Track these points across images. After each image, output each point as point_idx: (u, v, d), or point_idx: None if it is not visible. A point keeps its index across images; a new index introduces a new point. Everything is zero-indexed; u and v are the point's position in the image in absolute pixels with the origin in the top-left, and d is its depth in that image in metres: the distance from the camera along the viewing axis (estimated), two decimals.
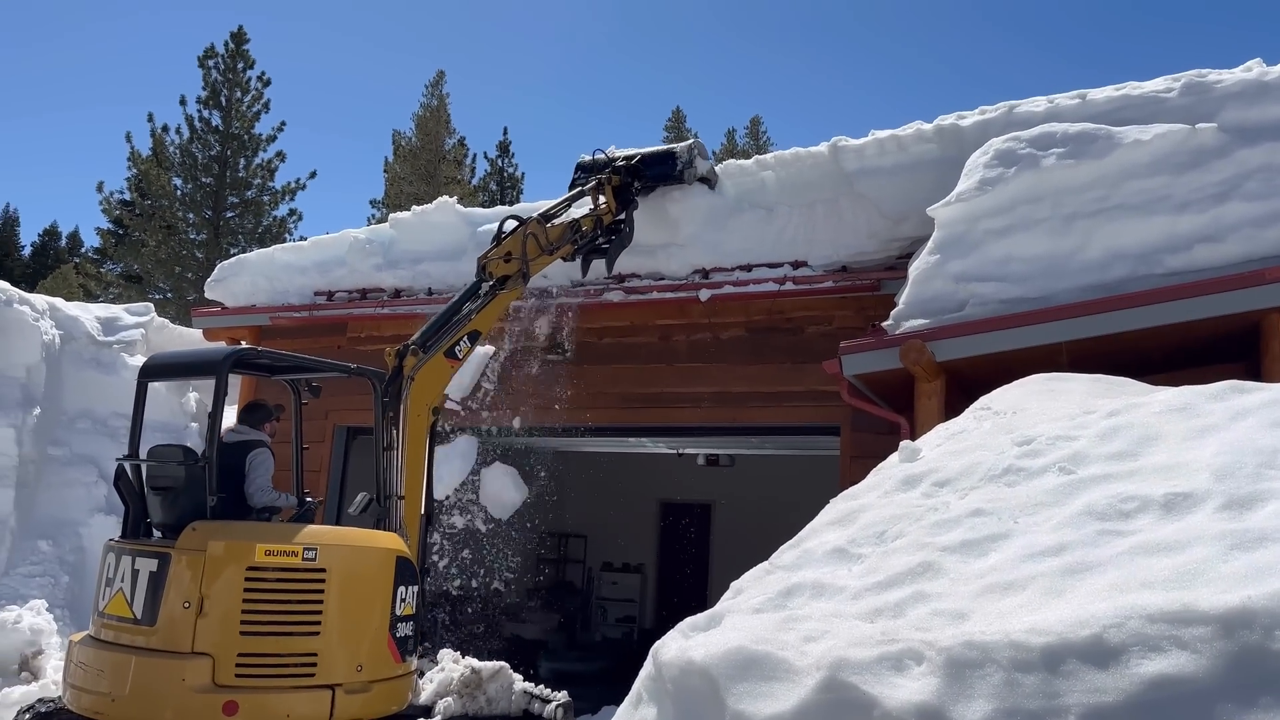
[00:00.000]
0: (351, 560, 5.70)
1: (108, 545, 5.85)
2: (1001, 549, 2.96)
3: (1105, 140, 6.64)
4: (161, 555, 5.39)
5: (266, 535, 5.51)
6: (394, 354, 6.53)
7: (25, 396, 10.48)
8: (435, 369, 6.69)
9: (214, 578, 5.25)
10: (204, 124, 29.07)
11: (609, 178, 8.80)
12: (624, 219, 8.81)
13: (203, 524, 5.47)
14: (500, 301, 7.46)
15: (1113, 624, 2.31)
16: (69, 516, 10.39)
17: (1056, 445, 3.54)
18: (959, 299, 6.55)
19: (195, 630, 5.17)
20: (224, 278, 11.25)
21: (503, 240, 7.64)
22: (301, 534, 5.62)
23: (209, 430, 5.77)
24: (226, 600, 5.23)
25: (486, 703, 6.54)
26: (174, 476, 5.91)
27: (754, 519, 12.36)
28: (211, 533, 5.39)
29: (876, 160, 8.26)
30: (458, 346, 6.88)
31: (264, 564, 5.34)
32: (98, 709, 5.29)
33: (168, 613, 5.25)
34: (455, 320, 6.99)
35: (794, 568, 3.35)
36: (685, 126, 44.61)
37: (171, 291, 28.36)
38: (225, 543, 5.33)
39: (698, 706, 2.75)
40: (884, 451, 4.73)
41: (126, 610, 5.41)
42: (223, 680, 5.13)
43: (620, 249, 8.80)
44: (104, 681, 5.27)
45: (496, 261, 7.46)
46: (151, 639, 5.26)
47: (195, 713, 5.07)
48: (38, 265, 46.05)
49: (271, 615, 5.32)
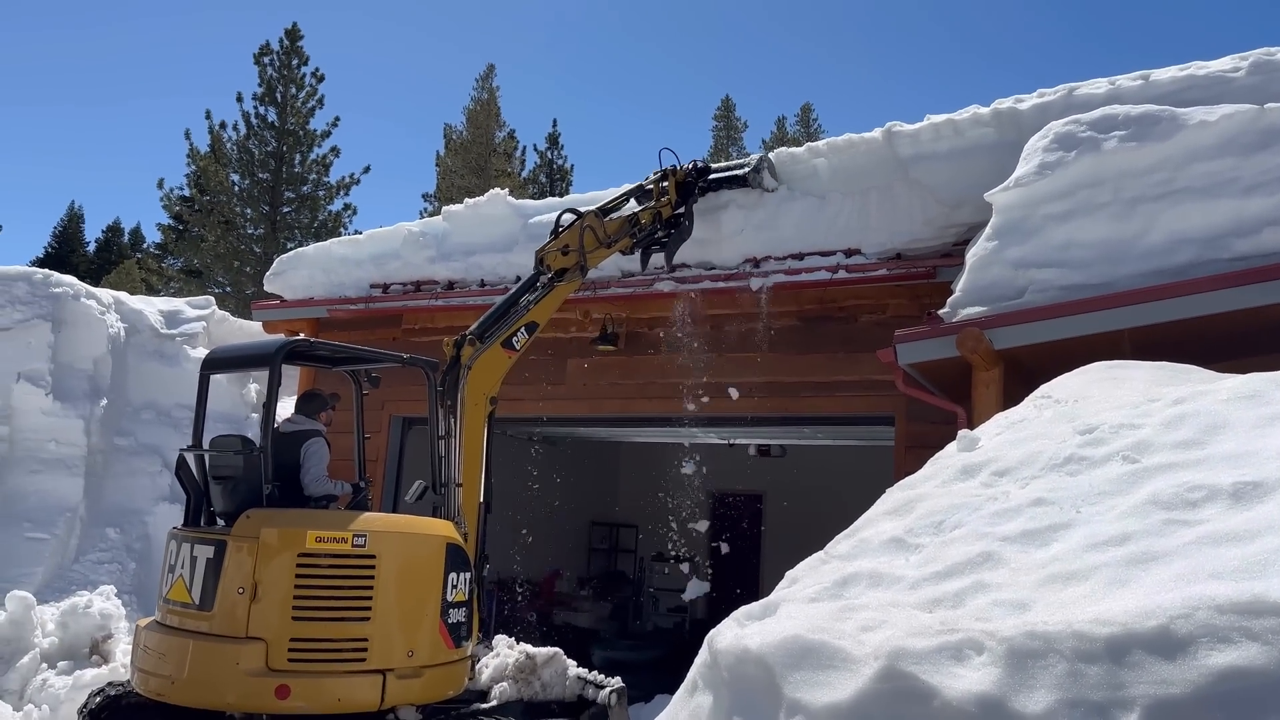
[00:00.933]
0: (402, 547, 5.78)
1: (171, 533, 6.02)
2: (1064, 539, 2.91)
3: (1169, 122, 6.47)
4: (218, 542, 5.53)
5: (317, 522, 5.60)
6: (452, 344, 6.61)
7: (93, 388, 10.78)
8: (493, 359, 6.77)
9: (266, 564, 5.37)
10: (260, 120, 29.61)
11: (674, 169, 8.84)
12: (683, 212, 8.81)
13: (256, 511, 5.59)
14: (558, 294, 7.51)
15: (1180, 615, 2.27)
16: (135, 505, 10.68)
17: (1120, 434, 3.47)
18: (1018, 286, 6.43)
19: (249, 615, 5.30)
20: (282, 271, 11.45)
21: (560, 233, 7.70)
22: (352, 521, 5.71)
23: (263, 420, 5.90)
24: (279, 586, 5.35)
25: (541, 688, 6.60)
26: (233, 466, 6.04)
27: (806, 509, 12.31)
28: (264, 520, 5.51)
29: (932, 145, 8.13)
30: (515, 338, 6.95)
31: (314, 550, 5.44)
32: (160, 691, 5.45)
33: (223, 598, 5.38)
34: (513, 312, 7.07)
35: (850, 557, 3.33)
36: (735, 115, 44.42)
37: (230, 285, 28.97)
38: (277, 530, 5.45)
39: (754, 695, 2.76)
40: (939, 441, 4.68)
41: (186, 596, 5.57)
42: (275, 664, 5.24)
43: (680, 242, 8.81)
44: (166, 664, 5.42)
45: (554, 254, 7.52)
46: (209, 624, 5.40)
47: (249, 696, 5.19)
48: (102, 260, 47.32)
49: (323, 601, 5.42)
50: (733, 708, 2.81)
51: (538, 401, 9.89)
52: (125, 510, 10.58)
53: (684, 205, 8.82)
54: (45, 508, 9.98)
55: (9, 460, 10.15)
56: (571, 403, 10.02)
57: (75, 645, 8.53)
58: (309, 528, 5.49)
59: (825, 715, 2.47)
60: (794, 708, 2.55)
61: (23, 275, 11.07)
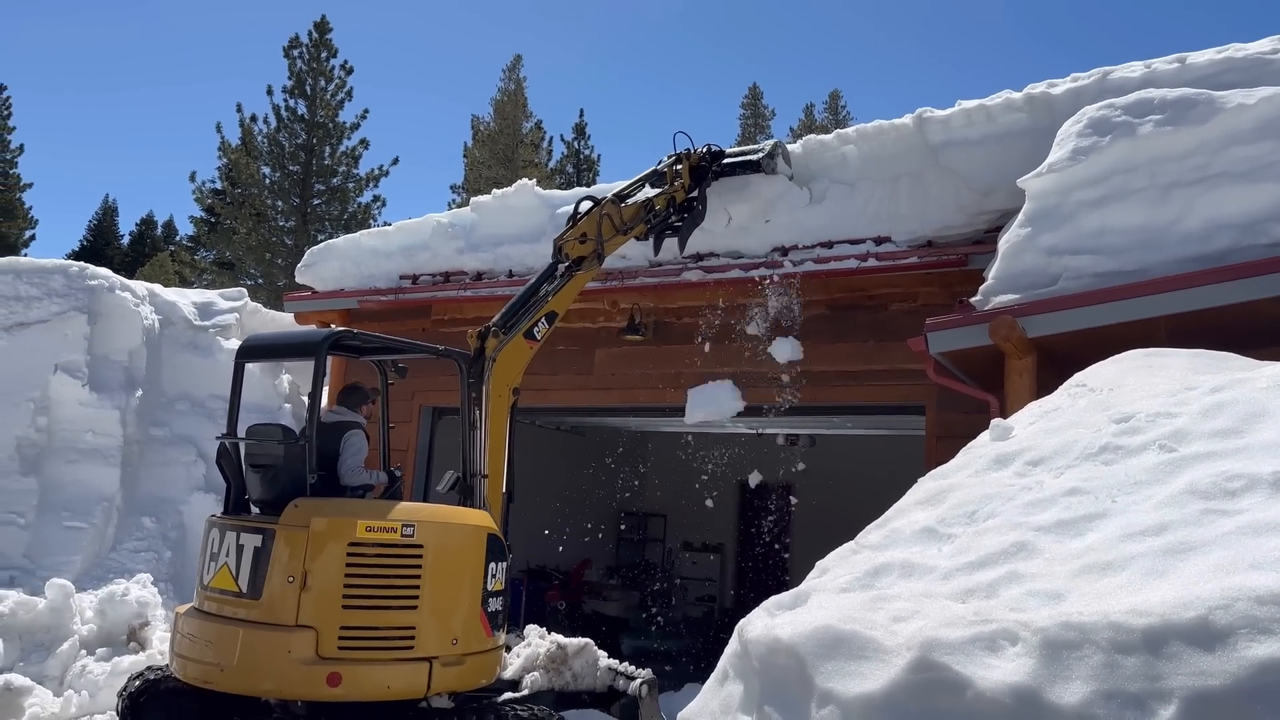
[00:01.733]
0: (446, 537, 5.84)
1: (210, 521, 6.05)
2: (1099, 528, 2.88)
3: (1206, 105, 6.35)
4: (265, 531, 5.56)
5: (367, 512, 5.65)
6: (476, 336, 6.63)
7: (128, 379, 10.92)
8: (516, 350, 6.79)
9: (317, 553, 5.40)
10: (290, 113, 29.86)
11: (687, 153, 8.82)
12: (697, 196, 8.80)
13: (305, 501, 5.62)
14: (577, 282, 7.53)
15: (1220, 605, 2.23)
16: (170, 494, 10.82)
17: (1156, 422, 3.42)
18: (1051, 273, 6.35)
19: (299, 603, 5.33)
20: (313, 263, 11.54)
21: (578, 221, 7.71)
22: (400, 511, 5.77)
23: (309, 410, 5.91)
24: (329, 575, 5.38)
25: (572, 678, 6.63)
26: (273, 455, 6.08)
27: (835, 499, 12.25)
28: (314, 509, 5.54)
29: (963, 131, 8.04)
30: (536, 328, 6.97)
31: (364, 540, 5.49)
32: (206, 678, 5.49)
33: (272, 586, 5.42)
34: (534, 302, 7.07)
35: (881, 547, 3.31)
36: (762, 103, 44.20)
37: (262, 277, 29.26)
38: (328, 519, 5.49)
39: (785, 685, 2.75)
40: (971, 431, 4.63)
41: (232, 584, 5.60)
42: (325, 652, 5.28)
43: (693, 226, 8.80)
44: (212, 652, 5.46)
45: (572, 243, 7.55)
46: (256, 612, 5.43)
47: (300, 683, 5.25)
48: (135, 253, 47.93)
49: (372, 589, 5.48)
50: (764, 697, 2.80)
51: (566, 392, 9.91)
52: (161, 499, 10.72)
53: (697, 189, 8.81)
54: (83, 497, 10.13)
55: (47, 450, 10.32)
56: (599, 393, 10.03)
57: (113, 632, 8.68)
58: (359, 517, 5.55)
59: (857, 706, 2.46)
60: (825, 698, 2.54)
61: (59, 268, 11.22)
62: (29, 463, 10.14)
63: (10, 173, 42.69)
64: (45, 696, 7.67)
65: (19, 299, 10.80)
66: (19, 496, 9.91)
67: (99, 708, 7.73)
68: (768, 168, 8.87)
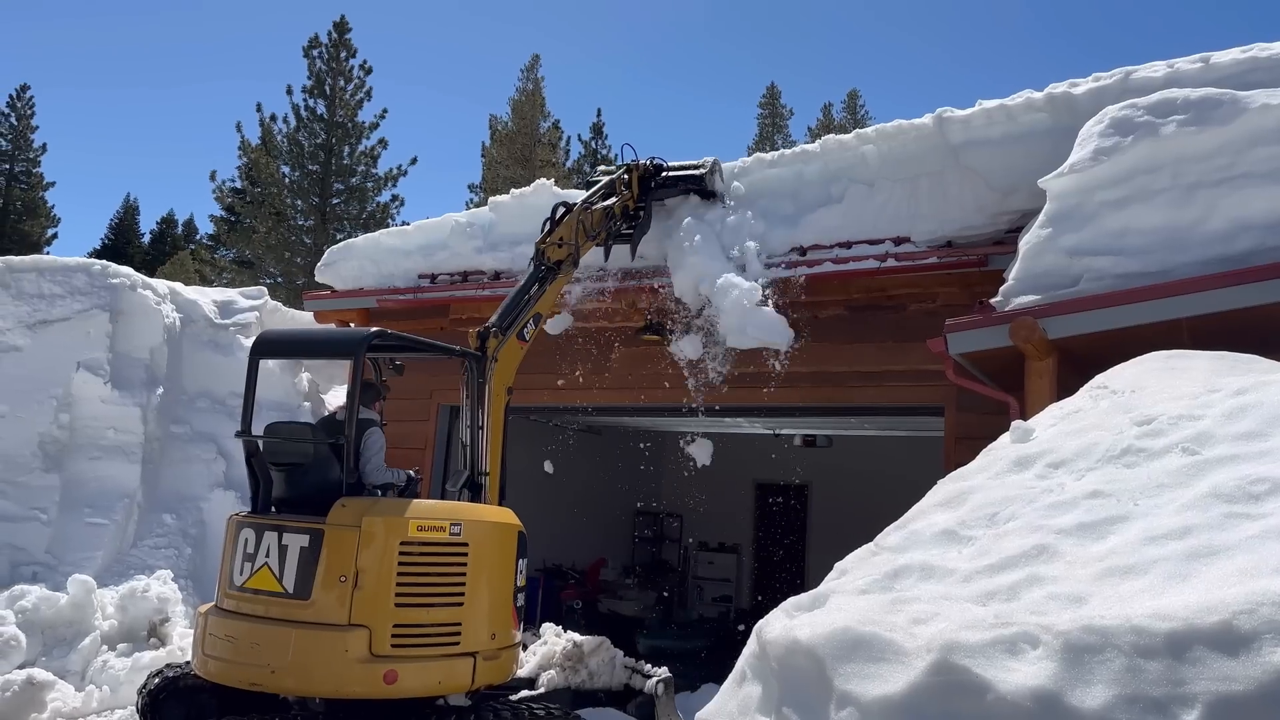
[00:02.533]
0: (487, 534, 5.98)
1: (240, 520, 5.96)
2: (1121, 532, 2.86)
3: (1230, 105, 6.29)
4: (313, 531, 5.53)
5: (415, 511, 5.72)
6: (476, 336, 6.74)
7: (149, 377, 11.00)
8: (511, 350, 6.96)
9: (369, 552, 5.44)
10: (310, 112, 30.02)
11: (635, 164, 9.17)
12: (644, 206, 9.18)
13: (351, 500, 5.65)
14: (558, 285, 7.78)
15: (1243, 610, 2.21)
16: (190, 491, 10.89)
17: (1179, 425, 3.40)
18: (1072, 274, 6.31)
19: (352, 603, 5.36)
20: (333, 262, 11.60)
21: (556, 226, 7.92)
22: (446, 510, 5.92)
23: (347, 410, 5.90)
24: (381, 573, 5.43)
25: (588, 676, 6.64)
26: (301, 454, 6.06)
27: (852, 500, 12.21)
28: (363, 509, 5.57)
29: (984, 131, 8.00)
30: (526, 329, 7.15)
31: (415, 539, 5.58)
32: (255, 679, 5.43)
33: (323, 586, 5.41)
34: (524, 303, 7.26)
35: (900, 549, 3.30)
36: (780, 102, 44.08)
37: (281, 276, 29.42)
38: (381, 519, 5.54)
39: (803, 686, 2.74)
40: (990, 432, 4.61)
41: (275, 584, 5.54)
42: (379, 650, 5.34)
43: (641, 235, 9.14)
44: (259, 653, 5.40)
45: (552, 247, 7.76)
46: (307, 612, 5.41)
47: (358, 682, 5.30)
48: (156, 252, 48.30)
49: (422, 587, 5.57)
50: (782, 699, 2.80)
51: (583, 391, 9.93)
52: (181, 496, 10.80)
53: (645, 199, 9.17)
54: (104, 494, 10.22)
55: (70, 447, 10.41)
56: (617, 392, 10.03)
57: (134, 628, 8.75)
58: (410, 516, 5.63)
59: (876, 708, 2.46)
60: (844, 700, 2.54)
61: (82, 266, 11.32)
62: (51, 459, 10.24)
63: (33, 171, 43.14)
64: (67, 691, 7.75)
65: (42, 297, 10.91)
66: (42, 493, 10.01)
67: (120, 703, 7.80)
68: (710, 184, 9.24)
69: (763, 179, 9.36)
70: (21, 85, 42.46)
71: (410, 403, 10.16)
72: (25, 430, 10.18)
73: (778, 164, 9.40)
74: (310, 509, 5.72)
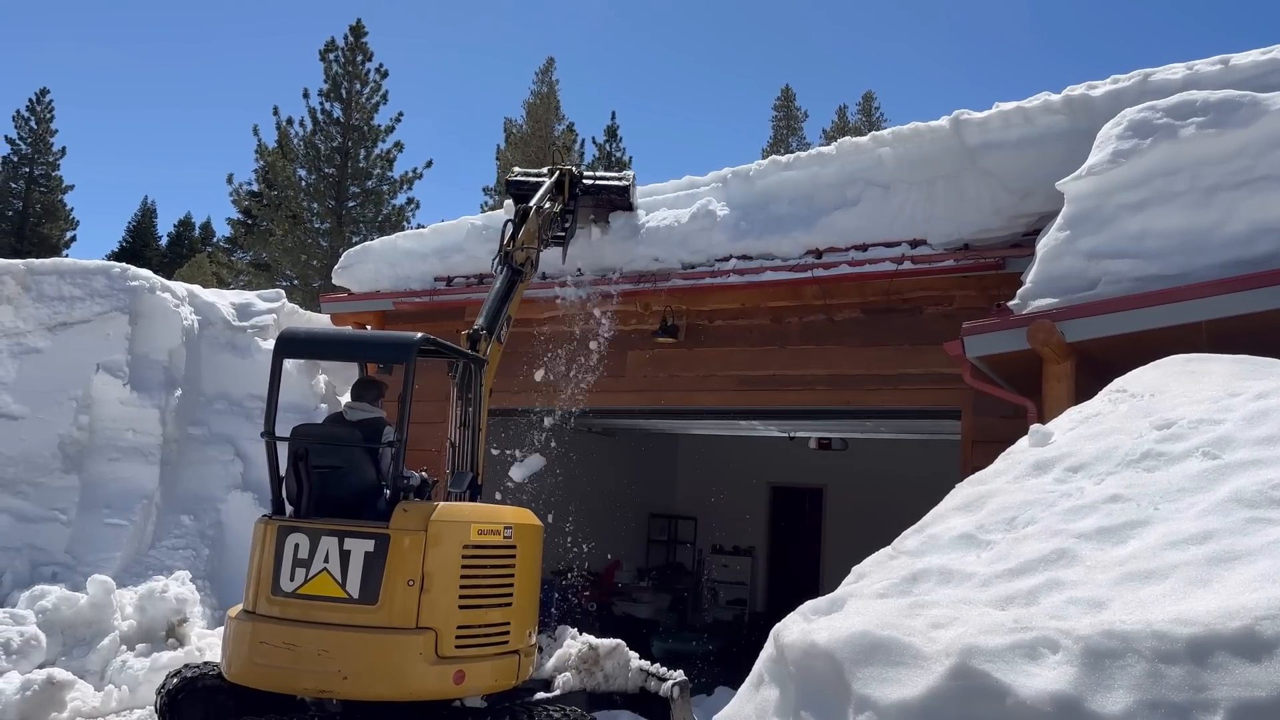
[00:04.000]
0: (529, 537, 6.22)
1: (280, 525, 5.83)
2: (1141, 536, 2.85)
3: (1250, 107, 6.25)
4: (378, 536, 5.52)
5: (474, 515, 5.89)
6: (467, 339, 6.82)
7: (167, 379, 11.08)
8: (495, 353, 7.17)
9: (435, 555, 5.53)
10: (326, 116, 30.13)
11: (565, 170, 9.48)
12: (571, 210, 9.47)
13: (412, 505, 5.70)
14: (522, 288, 8.03)
15: (1266, 615, 2.20)
16: (208, 493, 10.96)
17: (1199, 429, 3.38)
18: (1090, 277, 6.28)
19: (419, 606, 5.44)
20: (350, 265, 11.66)
21: (518, 231, 8.14)
22: (496, 513, 6.10)
23: (399, 415, 5.85)
24: (447, 576, 5.55)
25: (604, 678, 6.64)
26: (340, 456, 6.01)
27: (868, 504, 12.18)
28: (425, 513, 5.61)
29: (1001, 134, 7.97)
30: (502, 331, 7.35)
31: (476, 542, 5.74)
32: (325, 686, 5.40)
33: (390, 590, 5.44)
34: (504, 307, 7.46)
35: (919, 553, 3.29)
36: (795, 105, 44.05)
37: (298, 279, 29.54)
38: (446, 523, 5.64)
39: (821, 690, 2.74)
40: (1008, 436, 4.59)
41: (336, 589, 5.51)
42: (445, 652, 5.47)
43: (569, 240, 9.48)
44: (329, 660, 5.37)
45: (519, 250, 8.02)
46: (375, 616, 5.42)
47: (430, 683, 5.42)
48: (174, 254, 48.61)
49: (481, 589, 5.73)
50: (800, 703, 2.79)
51: (598, 394, 9.94)
52: (199, 498, 10.87)
53: (572, 204, 9.47)
54: (123, 494, 10.30)
55: (89, 448, 10.49)
56: (631, 395, 10.04)
57: (153, 628, 8.80)
58: (470, 520, 5.79)
59: (895, 712, 2.45)
60: (863, 704, 2.53)
61: (101, 269, 11.41)
62: (71, 460, 10.32)
63: (52, 175, 43.51)
64: (86, 691, 7.80)
65: (62, 299, 11.00)
66: (61, 494, 10.09)
67: (138, 702, 7.85)
68: (630, 195, 9.70)
69: (778, 181, 9.36)
70: (41, 89, 42.83)
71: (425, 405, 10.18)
72: (45, 431, 10.27)
73: (793, 166, 9.39)
74: (343, 511, 5.77)
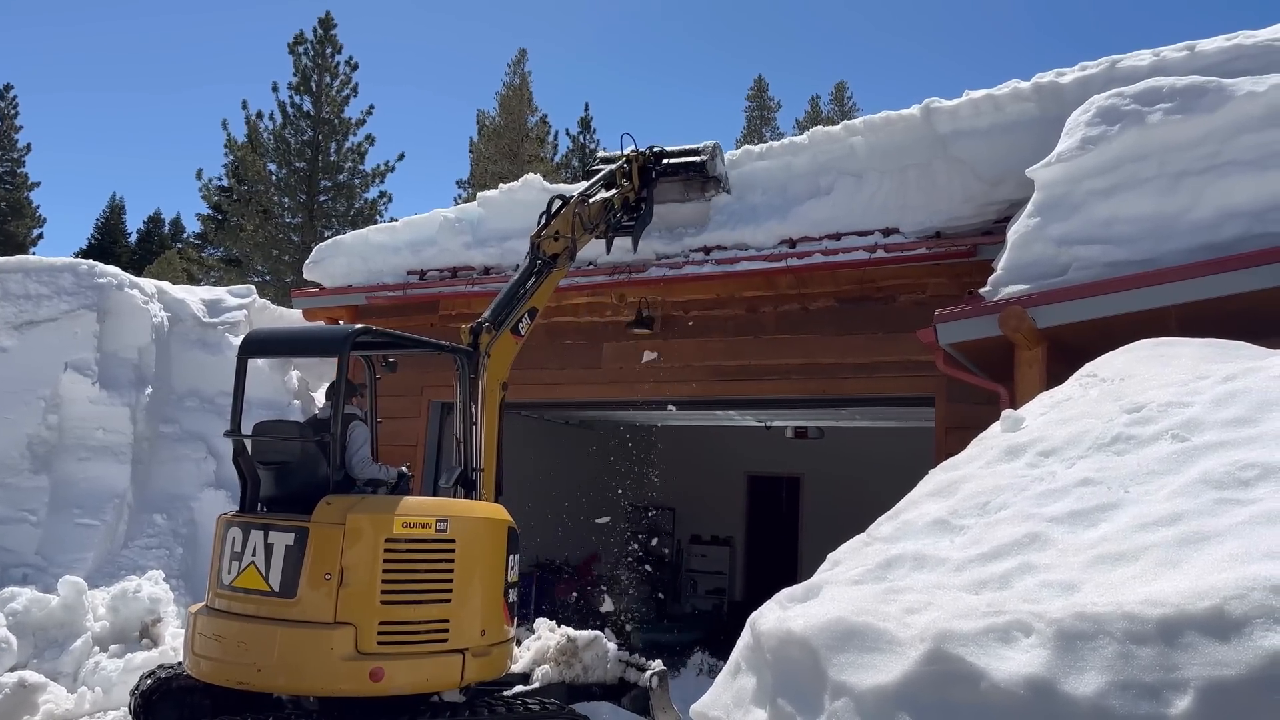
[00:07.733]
0: (475, 530, 5.93)
1: (228, 520, 5.94)
2: (1112, 519, 2.87)
3: (1216, 93, 6.31)
4: (298, 529, 5.50)
5: (401, 508, 5.68)
6: (469, 331, 6.70)
7: (138, 376, 10.96)
8: (505, 345, 6.91)
9: (353, 550, 5.41)
10: (296, 109, 29.86)
11: (635, 155, 9.05)
12: (645, 198, 9.10)
13: (336, 498, 5.61)
14: (553, 279, 7.71)
15: (1234, 595, 2.22)
16: (180, 491, 10.86)
17: (1168, 412, 3.40)
18: (1060, 263, 6.33)
19: (337, 600, 5.33)
20: (321, 259, 11.56)
21: (552, 219, 7.86)
22: (432, 506, 5.87)
23: (333, 407, 5.87)
24: (366, 571, 5.40)
25: (583, 670, 6.65)
26: (289, 452, 6.04)
27: (844, 491, 12.24)
28: (347, 506, 5.54)
29: (972, 121, 8.02)
30: (520, 323, 7.10)
31: (401, 535, 5.54)
32: (242, 678, 5.41)
33: (309, 584, 5.38)
34: (518, 297, 7.20)
35: (893, 539, 3.30)
36: (768, 95, 44.08)
37: (270, 274, 29.29)
38: (365, 516, 5.50)
39: (798, 677, 2.75)
40: (981, 422, 4.62)
41: (261, 583, 5.52)
42: (365, 648, 5.31)
43: (643, 227, 9.09)
44: (246, 652, 5.38)
45: (548, 240, 7.68)
46: (293, 610, 5.39)
47: (344, 679, 5.27)
48: (143, 251, 48.03)
49: (408, 584, 5.53)
50: (776, 690, 2.80)
51: (574, 386, 9.92)
52: (171, 496, 10.77)
53: (645, 190, 9.10)
54: (94, 494, 10.18)
55: (58, 448, 10.36)
56: (608, 386, 10.03)
57: (126, 629, 8.71)
58: (395, 513, 5.58)
59: (870, 698, 2.46)
60: (839, 690, 2.54)
61: (68, 266, 11.26)
62: (40, 460, 10.19)
63: (18, 171, 42.84)
64: (59, 693, 7.71)
65: (29, 297, 10.85)
66: (31, 494, 9.96)
67: (112, 704, 7.77)
68: (711, 169, 9.13)
69: (751, 171, 9.37)
70: (5, 85, 41.98)
71: (401, 400, 10.14)
72: (13, 432, 10.13)
73: (766, 156, 9.41)
74: (298, 507, 5.69)
